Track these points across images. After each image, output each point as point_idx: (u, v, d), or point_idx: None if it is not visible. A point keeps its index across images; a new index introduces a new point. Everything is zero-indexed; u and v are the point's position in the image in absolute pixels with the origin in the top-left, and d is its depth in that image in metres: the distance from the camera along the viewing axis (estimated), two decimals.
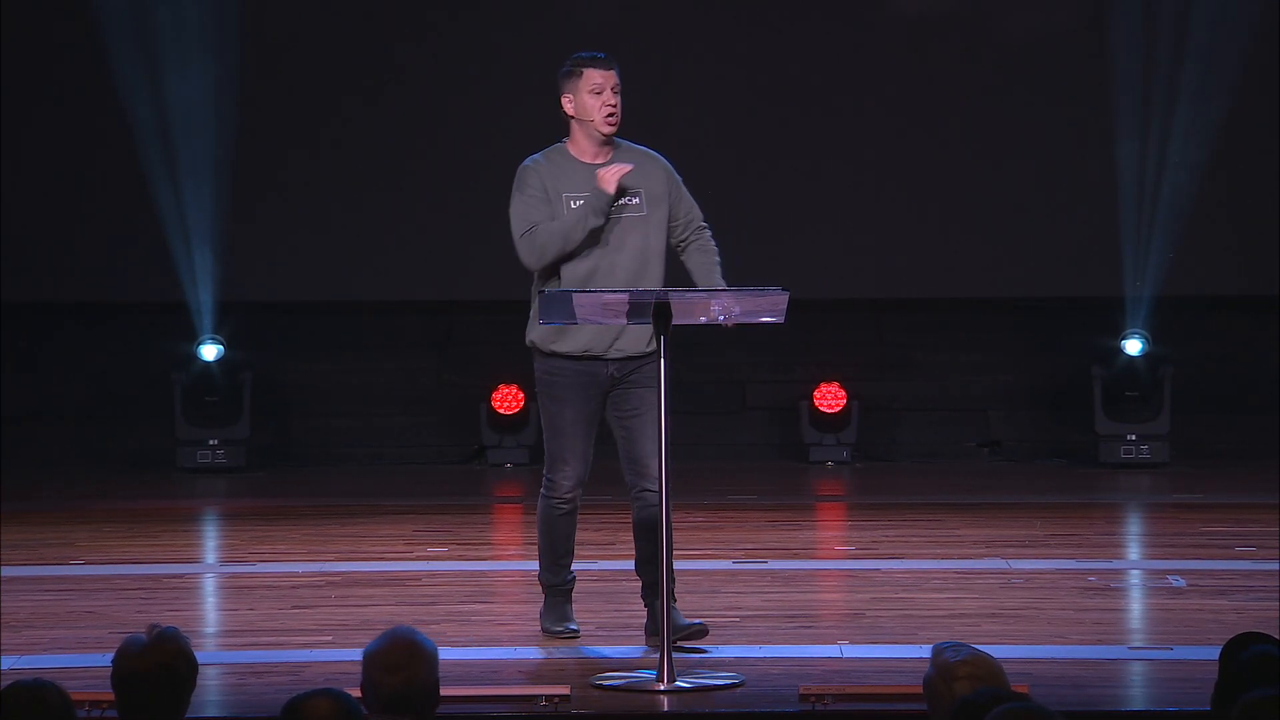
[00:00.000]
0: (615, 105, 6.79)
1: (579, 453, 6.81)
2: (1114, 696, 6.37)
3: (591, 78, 6.79)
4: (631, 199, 6.84)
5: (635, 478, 6.81)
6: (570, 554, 7.05)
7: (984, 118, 11.64)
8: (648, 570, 6.83)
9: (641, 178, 6.85)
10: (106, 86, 11.39)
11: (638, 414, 6.78)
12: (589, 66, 6.80)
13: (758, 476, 11.27)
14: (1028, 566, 8.33)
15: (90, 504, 10.39)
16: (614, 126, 6.81)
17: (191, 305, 11.60)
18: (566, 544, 7.01)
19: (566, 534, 6.99)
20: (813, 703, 5.95)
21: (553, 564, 7.03)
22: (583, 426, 6.80)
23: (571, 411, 6.78)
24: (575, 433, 6.79)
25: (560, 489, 6.87)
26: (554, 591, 7.07)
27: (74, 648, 6.86)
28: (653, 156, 6.97)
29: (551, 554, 7.02)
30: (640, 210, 6.84)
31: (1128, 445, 11.46)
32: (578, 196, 6.75)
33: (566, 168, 6.80)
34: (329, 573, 8.27)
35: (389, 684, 4.26)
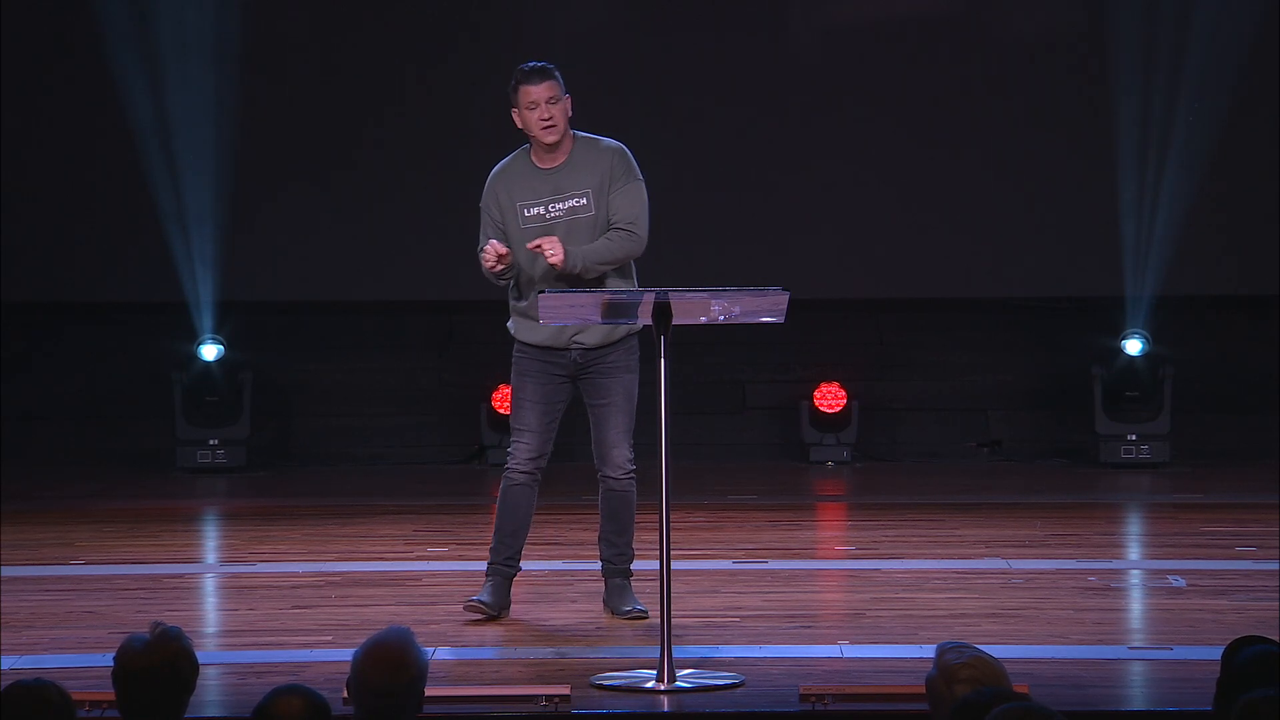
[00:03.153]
0: (550, 117, 7.11)
1: (535, 427, 7.20)
2: (1114, 696, 6.37)
3: (527, 94, 7.13)
4: (580, 199, 7.13)
5: (600, 462, 7.26)
6: (518, 535, 7.26)
7: (984, 117, 11.64)
8: (604, 546, 7.32)
9: (589, 175, 7.14)
10: (107, 86, 11.39)
11: (604, 402, 7.20)
12: (523, 83, 7.14)
13: (758, 476, 11.27)
14: (1028, 566, 8.33)
15: (90, 504, 10.39)
16: (554, 135, 7.14)
17: (191, 305, 11.60)
18: (515, 521, 7.24)
19: (516, 510, 7.24)
20: (813, 703, 5.95)
21: (499, 541, 7.27)
22: (541, 405, 7.21)
23: (533, 388, 7.21)
24: (534, 409, 7.20)
25: (514, 460, 7.24)
26: (493, 571, 7.27)
27: (74, 648, 6.87)
28: (605, 151, 7.21)
29: (500, 529, 7.28)
30: (589, 210, 7.15)
31: (1128, 445, 11.46)
32: (531, 205, 7.13)
33: (525, 174, 7.18)
34: (329, 573, 8.27)
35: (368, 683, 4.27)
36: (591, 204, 7.13)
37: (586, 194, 7.14)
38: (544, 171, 7.15)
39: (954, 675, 4.26)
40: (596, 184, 7.13)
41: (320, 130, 11.67)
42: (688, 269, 10.51)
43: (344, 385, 12.01)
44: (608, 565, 7.34)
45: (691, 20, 11.69)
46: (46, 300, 11.86)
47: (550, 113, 7.08)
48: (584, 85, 11.64)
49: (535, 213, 7.13)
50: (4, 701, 4.13)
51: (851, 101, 11.66)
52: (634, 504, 7.29)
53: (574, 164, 7.16)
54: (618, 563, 7.31)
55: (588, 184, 7.14)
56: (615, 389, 7.17)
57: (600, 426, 7.21)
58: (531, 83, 7.11)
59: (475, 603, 7.20)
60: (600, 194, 7.13)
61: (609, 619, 7.26)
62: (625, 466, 7.22)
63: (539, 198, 7.13)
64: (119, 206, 11.61)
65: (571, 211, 7.13)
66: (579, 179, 7.14)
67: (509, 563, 7.28)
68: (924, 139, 11.64)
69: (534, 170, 7.16)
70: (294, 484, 11.29)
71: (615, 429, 7.17)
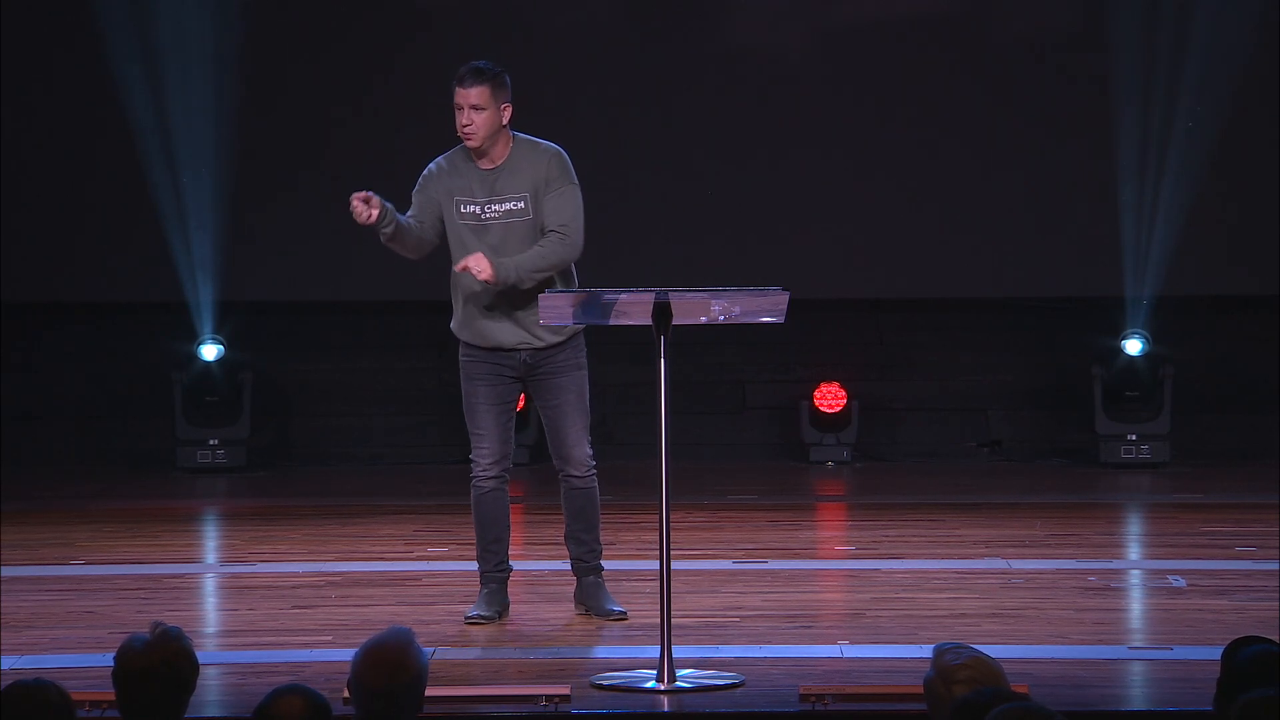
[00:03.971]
0: (469, 123, 7.12)
1: (494, 431, 7.19)
2: (1114, 696, 6.37)
3: (456, 95, 7.18)
4: (517, 202, 7.14)
5: (560, 462, 7.25)
6: (502, 540, 7.28)
7: (984, 117, 11.64)
8: (572, 545, 7.32)
9: (526, 178, 7.14)
10: (107, 85, 11.39)
11: (556, 403, 7.19)
12: (456, 82, 7.19)
13: (758, 476, 11.27)
14: (1028, 566, 8.33)
15: (90, 504, 10.39)
16: (471, 142, 7.16)
17: (192, 305, 11.60)
18: (496, 528, 7.25)
19: (494, 516, 7.24)
20: (813, 703, 5.95)
21: (483, 549, 7.27)
22: (496, 407, 7.20)
23: (485, 391, 7.18)
24: (489, 412, 7.18)
25: (479, 465, 7.23)
26: (487, 579, 7.27)
27: (74, 648, 6.87)
28: (542, 154, 7.21)
29: (482, 538, 7.27)
30: (526, 214, 7.16)
31: (1128, 445, 11.46)
32: (467, 202, 7.15)
33: (464, 171, 7.19)
34: (329, 573, 8.27)
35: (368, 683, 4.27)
36: (529, 208, 7.13)
37: (524, 198, 7.13)
38: (482, 171, 7.15)
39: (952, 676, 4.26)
40: (532, 188, 7.13)
41: (320, 130, 11.66)
42: (687, 269, 10.51)
43: (344, 385, 12.01)
44: (579, 564, 7.32)
45: (691, 18, 11.68)
46: (47, 300, 11.86)
47: (471, 119, 7.09)
48: (582, 83, 11.69)
49: (471, 210, 7.13)
50: (4, 701, 4.13)
51: (852, 101, 11.65)
52: (598, 500, 7.29)
53: (511, 167, 7.14)
54: (589, 559, 7.31)
55: (524, 188, 7.13)
56: (568, 387, 7.17)
57: (559, 427, 7.18)
58: (461, 84, 7.13)
59: (476, 617, 7.19)
60: (537, 198, 7.13)
61: (587, 618, 7.24)
62: (588, 464, 7.23)
63: (474, 197, 7.13)
64: (119, 206, 11.61)
65: (508, 215, 7.12)
66: (516, 182, 7.13)
67: (500, 568, 7.28)
68: (924, 139, 11.64)
69: (473, 168, 7.17)
70: (294, 484, 11.29)
71: (574, 428, 7.17)
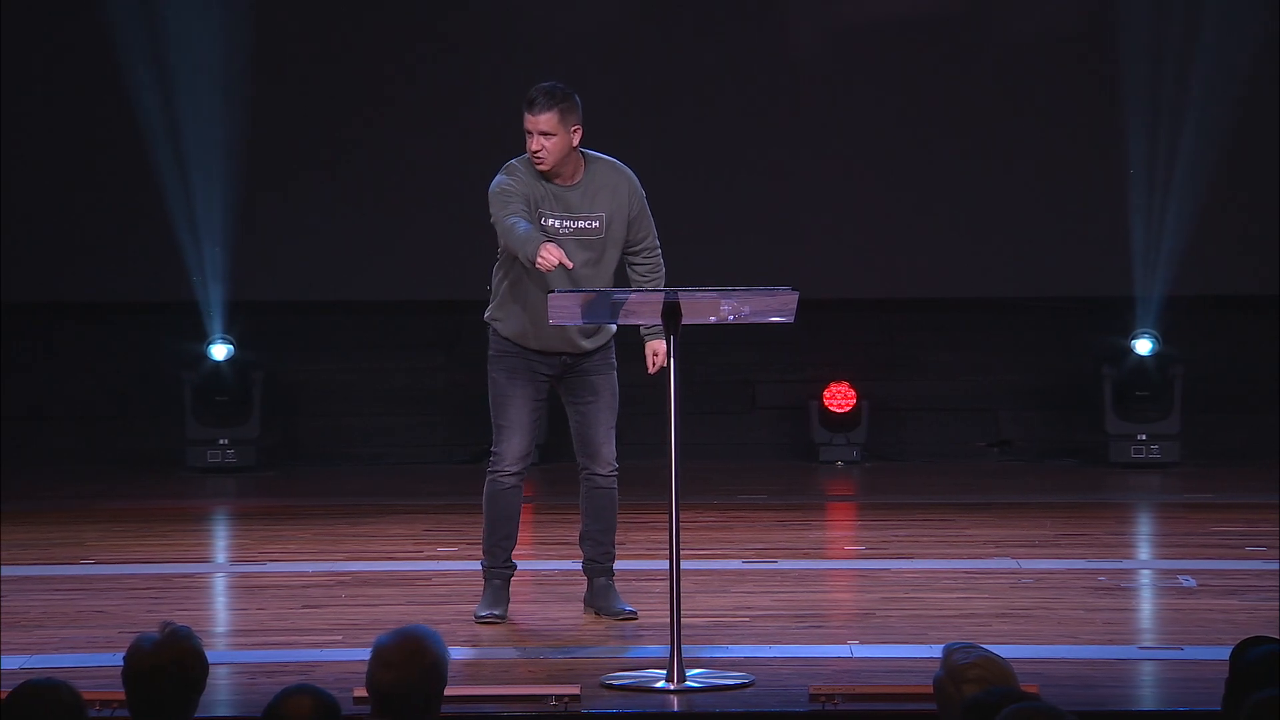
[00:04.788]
0: (540, 148, 7.06)
1: (523, 426, 7.16)
2: (1124, 696, 6.36)
3: (525, 121, 7.12)
4: (591, 222, 7.10)
5: (586, 460, 7.22)
6: (512, 537, 7.25)
7: (992, 117, 11.64)
8: (588, 546, 7.28)
9: (605, 198, 7.12)
10: (115, 85, 11.40)
11: (591, 400, 7.17)
12: (525, 108, 7.13)
13: (767, 476, 11.27)
14: (1038, 566, 8.33)
15: (100, 503, 10.40)
16: (545, 166, 7.09)
17: (201, 305, 11.61)
18: (509, 524, 7.23)
19: (509, 513, 7.21)
20: (823, 702, 5.95)
21: (493, 545, 7.23)
22: (529, 403, 7.16)
23: (519, 385, 7.14)
24: (523, 408, 7.14)
25: (503, 460, 7.18)
26: (493, 575, 7.24)
27: (84, 647, 6.87)
28: (620, 175, 7.21)
29: (493, 534, 7.23)
30: (599, 233, 7.14)
31: (1138, 445, 11.45)
32: (547, 214, 7.08)
33: (537, 181, 7.10)
34: (339, 572, 8.27)
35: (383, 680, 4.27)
36: (603, 229, 7.12)
37: (600, 218, 7.12)
38: (557, 187, 7.10)
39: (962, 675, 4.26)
40: (611, 210, 7.11)
41: (329, 130, 11.67)
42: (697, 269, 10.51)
43: (353, 385, 12.02)
44: (592, 565, 7.30)
45: (700, 18, 11.68)
46: (56, 300, 11.87)
47: (541, 144, 7.04)
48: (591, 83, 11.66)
49: (550, 224, 7.08)
50: (15, 701, 4.14)
51: (860, 101, 11.65)
52: (617, 502, 7.28)
53: (588, 186, 7.11)
54: (603, 561, 7.29)
55: (601, 208, 7.11)
56: (602, 386, 7.18)
57: (588, 424, 7.17)
58: (532, 110, 7.08)
59: (489, 616, 7.17)
60: (615, 221, 7.11)
61: (595, 619, 7.23)
62: (612, 464, 7.23)
63: (553, 210, 7.09)
64: (129, 206, 11.62)
65: (580, 233, 7.10)
66: (594, 202, 7.11)
67: (507, 565, 7.27)
68: (933, 138, 11.64)
69: (544, 180, 7.09)
70: (303, 483, 11.29)
71: (603, 426, 7.17)
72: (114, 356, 11.91)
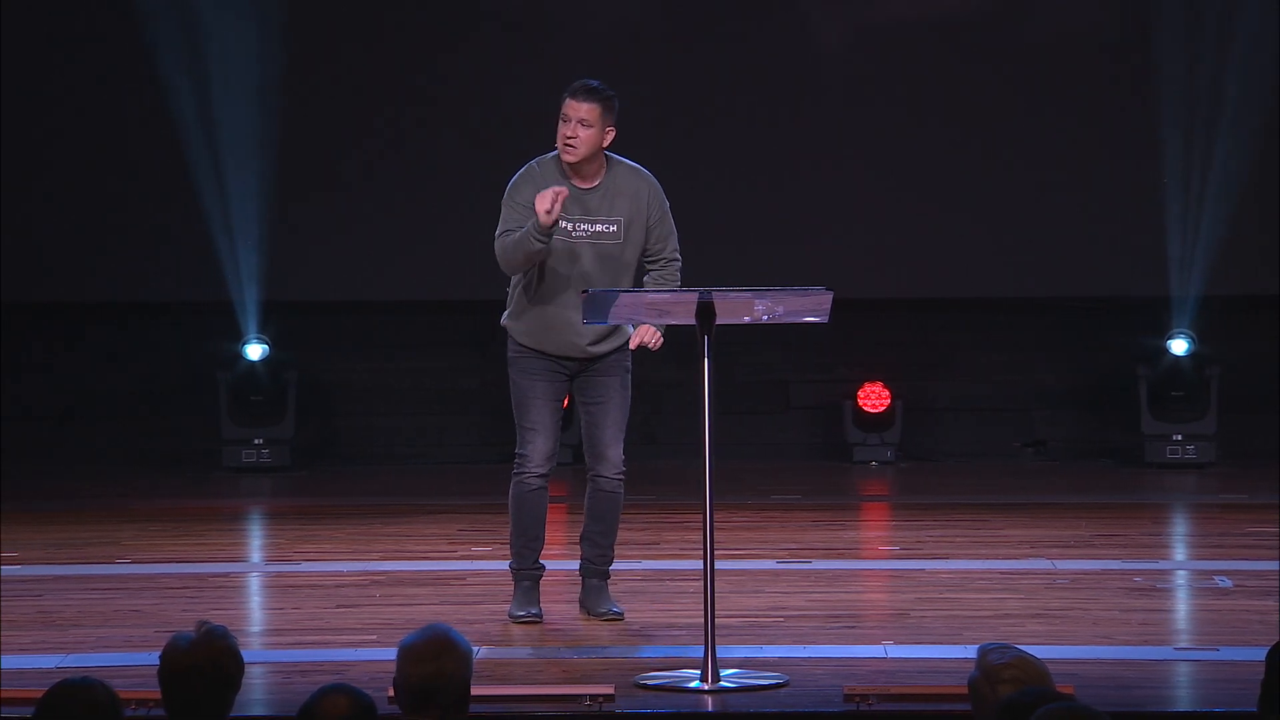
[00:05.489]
0: (574, 136, 7.05)
1: (549, 426, 7.14)
2: (1159, 697, 6.34)
3: (566, 105, 7.11)
4: (609, 225, 7.09)
5: (593, 461, 7.20)
6: (540, 539, 7.26)
7: (1028, 116, 11.61)
8: (586, 546, 7.25)
9: (624, 203, 7.10)
10: (152, 84, 11.43)
11: (601, 401, 7.15)
12: (566, 95, 7.12)
13: (801, 476, 11.26)
14: (1073, 567, 8.31)
15: (135, 503, 10.43)
16: (570, 156, 7.08)
17: (236, 305, 11.64)
18: (536, 526, 7.23)
19: (536, 515, 7.21)
20: (857, 703, 5.94)
21: (522, 547, 7.23)
22: (553, 403, 7.16)
23: (541, 386, 7.13)
24: (545, 408, 7.13)
25: (530, 462, 7.17)
26: (522, 577, 7.24)
27: (120, 646, 6.89)
28: (642, 180, 7.20)
29: (521, 535, 7.23)
30: (616, 238, 7.12)
31: (1173, 445, 11.41)
32: (565, 216, 7.03)
33: (556, 182, 7.06)
34: (373, 572, 8.29)
35: (416, 674, 4.28)
36: (621, 233, 7.10)
37: (618, 222, 7.10)
38: (576, 188, 7.07)
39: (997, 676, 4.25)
40: (630, 214, 7.08)
41: (363, 130, 11.69)
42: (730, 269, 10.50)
43: (388, 385, 12.04)
44: (588, 565, 7.28)
45: (732, 18, 11.68)
46: (92, 300, 11.91)
47: (577, 133, 7.02)
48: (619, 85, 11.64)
49: (563, 226, 7.04)
50: (51, 700, 4.15)
51: (895, 101, 11.63)
52: (621, 506, 7.26)
53: (609, 189, 7.09)
54: (599, 563, 7.28)
55: (621, 212, 7.09)
56: (614, 387, 7.16)
57: (597, 425, 7.16)
58: (575, 97, 7.07)
59: (527, 616, 7.17)
60: (633, 225, 7.09)
61: (584, 620, 7.22)
62: (620, 466, 7.20)
63: (568, 213, 7.03)
64: (165, 206, 11.66)
65: (597, 237, 7.08)
66: (612, 205, 7.09)
67: (536, 566, 7.26)
68: (967, 138, 11.61)
69: (567, 182, 7.07)
70: (338, 483, 11.31)
71: (612, 427, 7.15)
72: (149, 356, 11.94)
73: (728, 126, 11.63)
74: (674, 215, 7.27)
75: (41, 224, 11.69)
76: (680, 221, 11.57)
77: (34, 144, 11.63)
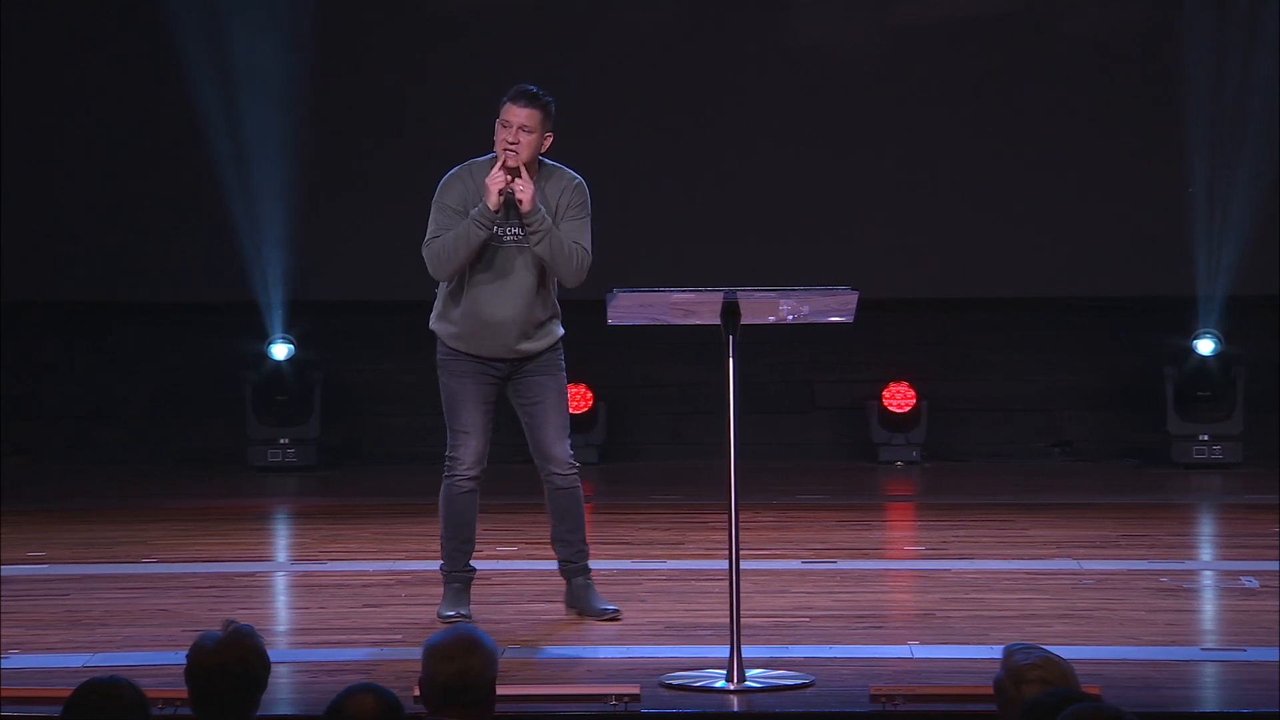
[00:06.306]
0: (515, 142, 7.08)
1: (480, 428, 7.16)
2: (1186, 698, 6.33)
3: (507, 111, 7.15)
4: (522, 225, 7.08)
5: (542, 461, 7.21)
6: (471, 541, 7.28)
7: (1052, 116, 11.59)
8: (559, 548, 7.27)
9: (548, 205, 7.11)
10: (176, 86, 11.45)
11: (538, 401, 7.16)
12: (507, 101, 7.18)
13: (826, 476, 11.25)
14: (1099, 567, 8.30)
15: (162, 502, 10.45)
16: (511, 161, 7.09)
17: (262, 305, 11.66)
18: (468, 528, 7.26)
19: (468, 517, 7.24)
20: (884, 703, 5.93)
21: (454, 550, 7.25)
22: (480, 405, 7.16)
23: (471, 388, 7.15)
24: (476, 410, 7.14)
25: (460, 464, 7.19)
26: (453, 579, 7.27)
27: (147, 645, 6.91)
28: (564, 179, 7.19)
29: (453, 538, 7.24)
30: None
31: (1200, 445, 11.39)
32: (496, 220, 7.08)
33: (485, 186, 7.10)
34: (399, 571, 8.30)
35: (442, 672, 4.29)
36: None
37: None
38: (505, 192, 7.09)
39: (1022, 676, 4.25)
40: (552, 215, 7.11)
41: (391, 129, 11.70)
42: (755, 269, 10.50)
43: (414, 384, 12.04)
44: (567, 565, 7.28)
45: (752, 15, 11.67)
46: (118, 300, 11.94)
47: (518, 139, 7.06)
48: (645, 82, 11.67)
49: (495, 230, 7.09)
50: (79, 699, 4.17)
51: (921, 100, 11.62)
52: (582, 499, 7.25)
53: (538, 194, 7.09)
54: (577, 560, 7.28)
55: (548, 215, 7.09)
56: (549, 386, 7.17)
57: (539, 426, 7.16)
58: (515, 103, 7.11)
59: (456, 616, 7.15)
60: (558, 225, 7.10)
61: (580, 619, 7.20)
62: (570, 462, 7.20)
63: (500, 216, 7.08)
64: (190, 207, 11.68)
65: (526, 240, 7.09)
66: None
67: (468, 569, 7.29)
68: (992, 137, 11.60)
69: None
70: (364, 482, 11.33)
71: (553, 425, 7.15)
72: (175, 356, 11.97)
73: (749, 125, 11.61)
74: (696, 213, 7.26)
75: (69, 224, 11.72)
76: (704, 221, 11.61)
77: (61, 145, 11.66)
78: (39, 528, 9.40)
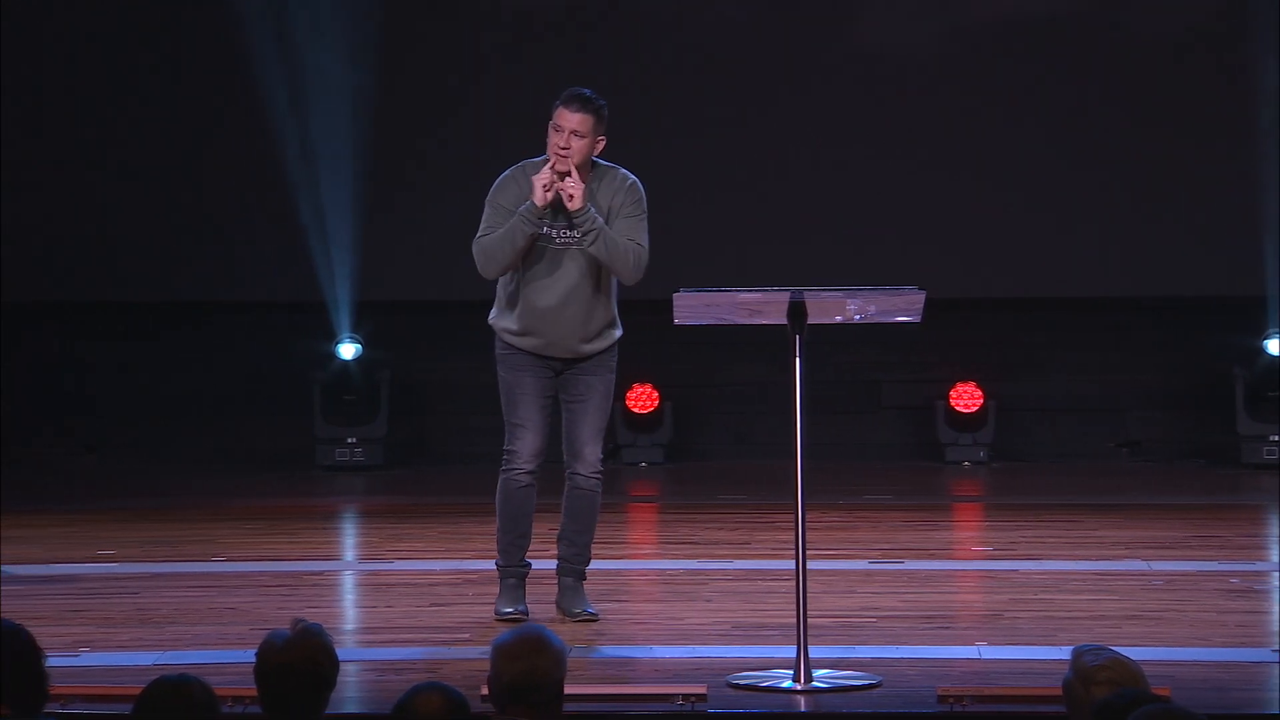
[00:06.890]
0: (567, 147, 7.06)
1: (536, 423, 7.17)
2: (1257, 700, 6.29)
3: (559, 115, 7.14)
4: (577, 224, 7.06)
5: (571, 459, 7.22)
6: (527, 536, 7.27)
7: (1121, 115, 11.54)
8: (563, 546, 7.25)
9: (602, 206, 7.09)
10: (243, 87, 11.51)
11: (581, 399, 7.17)
12: (560, 105, 7.16)
13: (893, 476, 11.22)
14: (1168, 568, 8.25)
15: (231, 501, 10.50)
16: (562, 166, 7.08)
17: (330, 304, 11.71)
18: (524, 523, 7.25)
19: (525, 510, 7.24)
20: (951, 704, 5.91)
21: (509, 544, 7.24)
22: (538, 399, 7.17)
23: (531, 383, 7.17)
24: (534, 404, 7.16)
25: (519, 458, 7.21)
26: (508, 574, 7.25)
27: (217, 644, 6.94)
28: (616, 179, 7.18)
29: (509, 532, 7.24)
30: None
31: (1270, 445, 11.31)
32: (547, 223, 7.08)
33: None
34: (466, 570, 8.31)
35: (510, 672, 4.29)
36: None
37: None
38: (552, 189, 7.07)
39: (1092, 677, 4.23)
40: (605, 213, 7.09)
41: (456, 129, 11.74)
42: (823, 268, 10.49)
43: (481, 384, 12.01)
44: (564, 564, 7.27)
45: (820, 17, 11.65)
46: (187, 300, 12.02)
47: (570, 144, 7.04)
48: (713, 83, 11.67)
49: (545, 232, 7.09)
50: (149, 697, 4.19)
51: (989, 100, 11.58)
52: (598, 506, 7.24)
53: (591, 197, 7.08)
54: (575, 562, 7.27)
55: (599, 214, 7.07)
56: (596, 386, 7.17)
57: (577, 424, 7.17)
58: (568, 107, 7.10)
59: (513, 613, 7.16)
60: (607, 222, 7.08)
61: (563, 621, 7.19)
62: (596, 465, 7.20)
63: (552, 220, 7.07)
64: (258, 208, 11.74)
65: (579, 241, 7.08)
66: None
67: (524, 564, 7.28)
68: (1061, 138, 11.55)
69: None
70: (431, 482, 11.36)
71: (590, 426, 7.16)
72: (243, 356, 12.03)
73: (820, 125, 11.60)
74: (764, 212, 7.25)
75: (144, 227, 11.80)
76: (773, 220, 11.60)
77: (138, 149, 11.74)
78: (109, 526, 9.46)
